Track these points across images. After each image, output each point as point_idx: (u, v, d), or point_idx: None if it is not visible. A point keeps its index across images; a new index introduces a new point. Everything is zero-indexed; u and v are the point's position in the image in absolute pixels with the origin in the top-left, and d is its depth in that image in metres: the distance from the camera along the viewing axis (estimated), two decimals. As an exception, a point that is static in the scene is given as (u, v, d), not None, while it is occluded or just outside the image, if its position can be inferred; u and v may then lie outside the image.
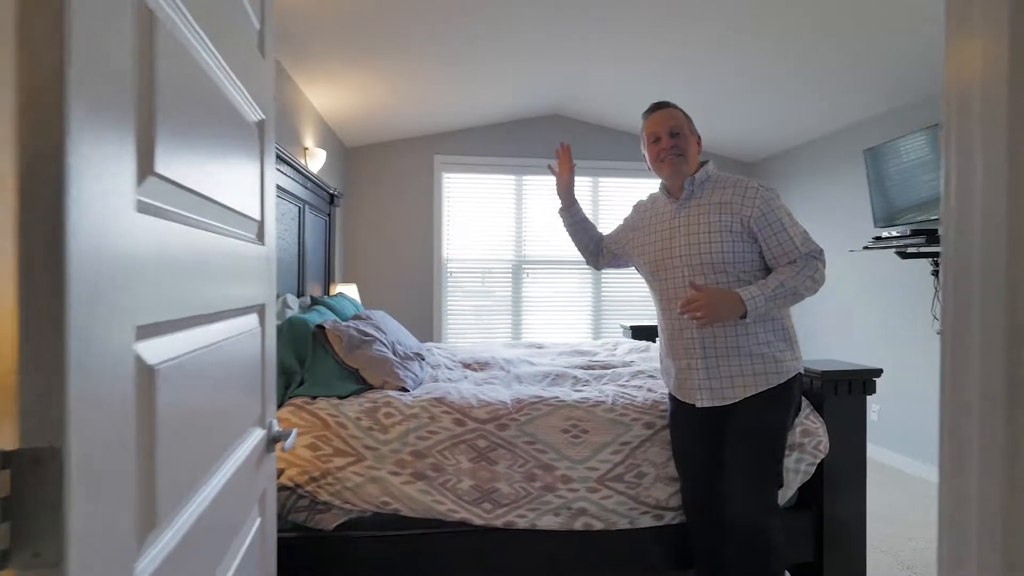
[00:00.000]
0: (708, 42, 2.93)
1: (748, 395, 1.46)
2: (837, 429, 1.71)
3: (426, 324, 4.42)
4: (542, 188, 4.58)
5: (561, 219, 1.88)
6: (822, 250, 1.49)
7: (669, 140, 1.53)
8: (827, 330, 3.84)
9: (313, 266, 3.05)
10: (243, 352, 0.90)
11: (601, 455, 1.68)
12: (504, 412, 1.71)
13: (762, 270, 1.53)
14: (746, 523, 1.44)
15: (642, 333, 3.70)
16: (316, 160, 3.29)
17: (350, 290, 3.55)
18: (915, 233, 2.84)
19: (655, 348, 2.98)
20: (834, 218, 3.77)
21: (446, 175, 4.49)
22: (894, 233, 2.98)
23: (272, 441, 1.02)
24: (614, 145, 4.60)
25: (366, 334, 2.04)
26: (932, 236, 2.81)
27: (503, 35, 2.93)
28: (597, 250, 1.89)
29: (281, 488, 1.56)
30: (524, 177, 4.56)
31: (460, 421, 1.68)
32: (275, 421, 1.05)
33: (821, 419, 1.74)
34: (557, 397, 1.80)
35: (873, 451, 3.26)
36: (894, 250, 3.06)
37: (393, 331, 2.59)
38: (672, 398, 1.66)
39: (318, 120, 3.53)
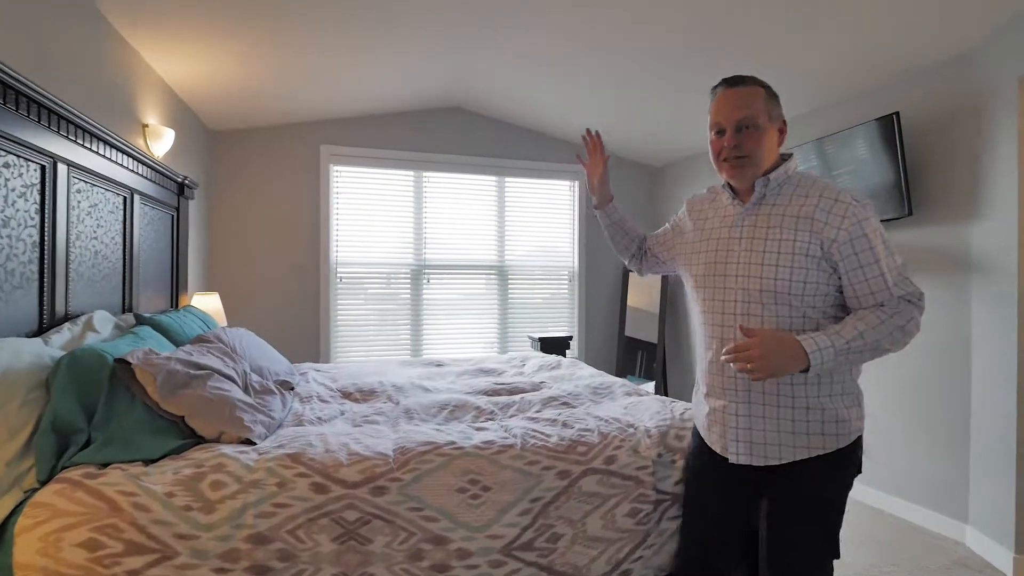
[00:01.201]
0: (612, 42, 2.77)
1: (797, 459, 1.14)
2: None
3: (311, 339, 3.86)
4: (444, 185, 4.19)
5: (599, 219, 1.58)
6: (922, 293, 1.13)
7: (733, 137, 1.17)
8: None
9: (151, 273, 2.43)
10: None
11: (507, 517, 1.33)
12: (383, 469, 1.31)
13: (835, 307, 1.17)
14: None
15: (551, 345, 3.45)
16: (161, 141, 2.66)
17: (210, 301, 2.94)
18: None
19: (567, 364, 2.72)
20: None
21: (335, 168, 3.96)
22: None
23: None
24: (519, 143, 4.33)
25: (199, 366, 1.54)
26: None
27: (399, 13, 2.52)
28: (640, 252, 1.57)
29: (35, 612, 1.05)
30: (424, 173, 4.14)
31: (321, 487, 1.25)
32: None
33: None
34: (453, 443, 1.44)
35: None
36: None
37: (253, 355, 2.09)
38: (697, 435, 1.35)
39: (166, 94, 2.89)
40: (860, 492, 2.84)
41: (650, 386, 4.11)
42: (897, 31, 2.31)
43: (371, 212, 4.03)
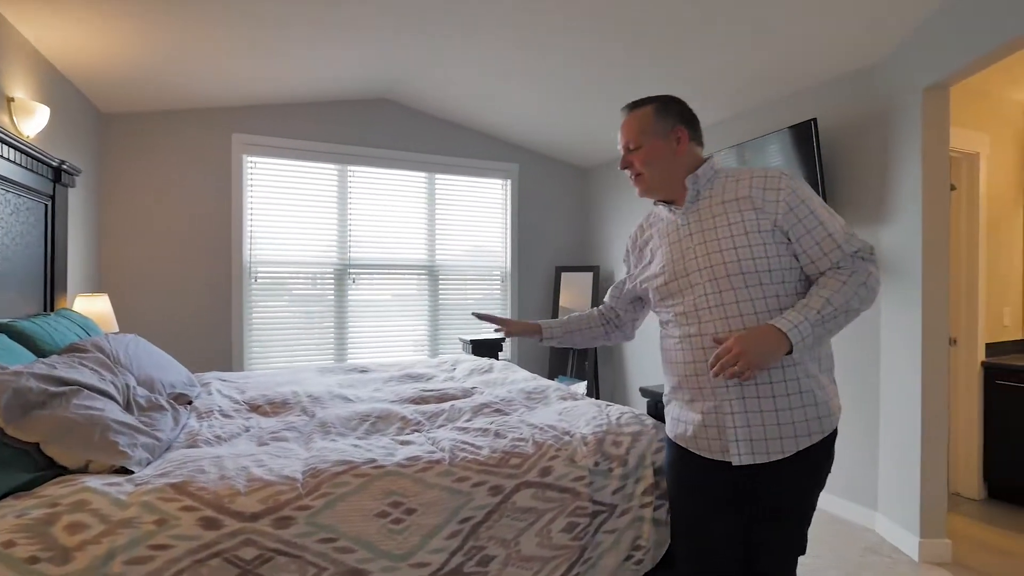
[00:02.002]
0: (546, 42, 2.72)
1: (801, 448, 1.11)
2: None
3: (221, 346, 3.52)
4: (370, 180, 3.97)
5: (549, 344, 1.55)
6: (872, 247, 1.15)
7: (624, 160, 1.27)
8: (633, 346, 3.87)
9: (17, 270, 2.08)
10: None
11: (433, 542, 1.20)
12: (289, 496, 1.14)
13: (802, 282, 1.17)
14: None
15: (483, 347, 3.33)
16: (33, 120, 2.30)
17: (97, 304, 2.59)
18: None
19: (499, 367, 2.61)
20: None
21: (248, 158, 3.64)
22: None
23: None
24: (450, 138, 4.19)
25: (63, 381, 1.29)
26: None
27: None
28: (613, 323, 1.50)
29: None
30: (349, 167, 3.90)
31: (212, 521, 1.07)
32: None
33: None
34: (373, 461, 1.29)
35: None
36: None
37: (142, 365, 1.83)
38: (674, 445, 1.27)
39: (40, 65, 2.50)
40: (781, 485, 2.94)
41: (582, 386, 4.10)
42: (813, 44, 2.40)
43: (290, 207, 3.74)
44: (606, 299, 1.52)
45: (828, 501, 2.72)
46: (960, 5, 2.01)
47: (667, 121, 1.24)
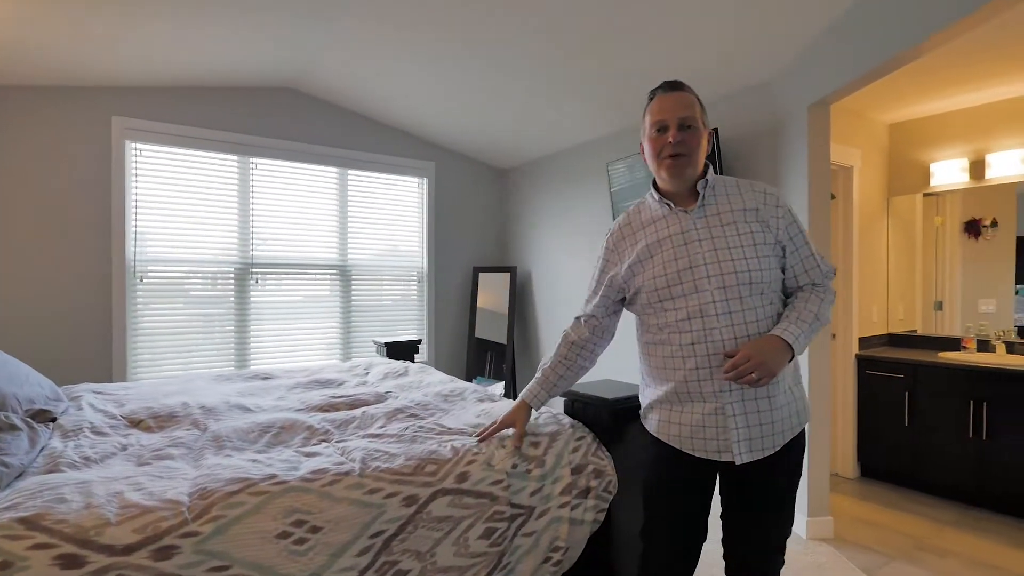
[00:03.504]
0: (465, 36, 2.66)
1: (787, 441, 1.20)
2: (627, 467, 1.50)
3: (101, 354, 3.13)
4: (276, 174, 3.72)
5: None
6: (835, 268, 1.30)
7: (678, 134, 1.19)
8: (548, 346, 3.95)
9: None
10: None
11: (341, 561, 1.12)
12: (171, 523, 1.01)
13: (782, 291, 1.25)
14: None
15: (399, 350, 3.23)
16: None
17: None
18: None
19: (415, 370, 2.53)
20: (579, 228, 3.91)
21: (133, 145, 3.27)
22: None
23: None
24: (363, 133, 4.02)
25: None
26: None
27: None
28: (589, 347, 1.43)
29: None
30: (252, 159, 3.63)
31: (73, 559, 0.92)
32: None
33: (609, 455, 1.51)
34: (273, 476, 1.18)
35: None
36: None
37: (-10, 379, 1.57)
38: (661, 445, 1.27)
39: None
40: (688, 475, 3.09)
41: (499, 386, 4.10)
42: (717, 57, 2.55)
43: (185, 201, 3.40)
44: (590, 311, 1.40)
45: (729, 488, 2.89)
46: (839, 30, 2.22)
47: (706, 117, 1.27)
